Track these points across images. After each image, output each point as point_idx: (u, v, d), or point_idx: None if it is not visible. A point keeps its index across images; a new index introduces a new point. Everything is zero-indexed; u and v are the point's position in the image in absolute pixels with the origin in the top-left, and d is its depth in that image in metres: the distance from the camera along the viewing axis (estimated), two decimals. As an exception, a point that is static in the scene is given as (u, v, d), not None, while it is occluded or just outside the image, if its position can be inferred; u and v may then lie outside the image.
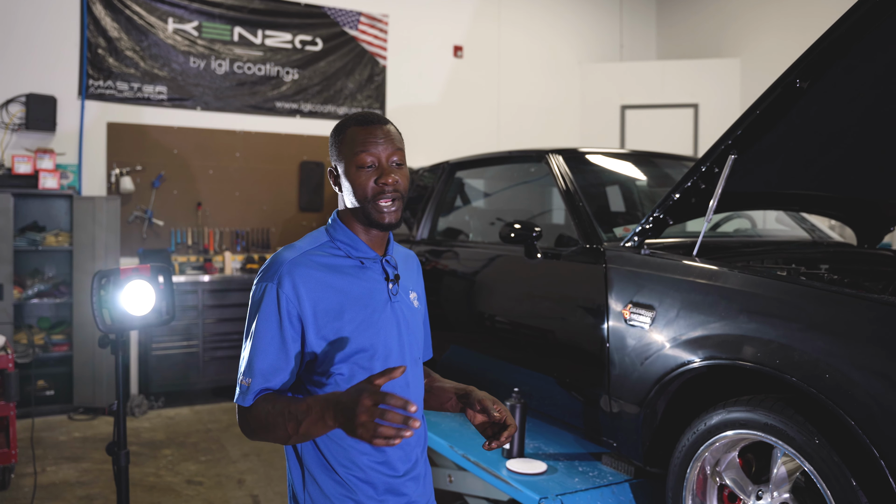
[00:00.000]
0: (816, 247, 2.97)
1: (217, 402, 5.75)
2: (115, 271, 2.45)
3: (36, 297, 5.24)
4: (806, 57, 1.94)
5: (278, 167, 6.37)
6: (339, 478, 1.49)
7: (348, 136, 1.51)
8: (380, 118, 1.54)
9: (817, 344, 1.80)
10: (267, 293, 1.45)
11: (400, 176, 1.51)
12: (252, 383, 1.43)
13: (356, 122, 1.52)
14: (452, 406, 1.69)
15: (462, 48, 7.23)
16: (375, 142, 1.49)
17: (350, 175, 1.50)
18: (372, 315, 1.50)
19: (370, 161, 1.48)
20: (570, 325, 2.65)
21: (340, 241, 1.55)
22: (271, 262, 1.49)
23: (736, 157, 2.19)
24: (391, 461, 1.52)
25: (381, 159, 1.49)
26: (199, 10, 6.02)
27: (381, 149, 1.49)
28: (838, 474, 1.73)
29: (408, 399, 1.48)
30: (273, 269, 1.47)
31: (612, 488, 2.40)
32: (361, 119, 1.53)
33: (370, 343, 1.49)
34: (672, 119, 7.19)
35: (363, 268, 1.54)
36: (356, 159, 1.49)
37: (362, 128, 1.51)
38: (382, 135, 1.50)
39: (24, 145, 5.40)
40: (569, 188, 2.85)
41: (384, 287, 1.55)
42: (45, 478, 4.01)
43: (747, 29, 7.14)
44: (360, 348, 1.48)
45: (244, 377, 1.45)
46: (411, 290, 1.65)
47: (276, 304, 1.44)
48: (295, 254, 1.49)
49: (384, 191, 1.48)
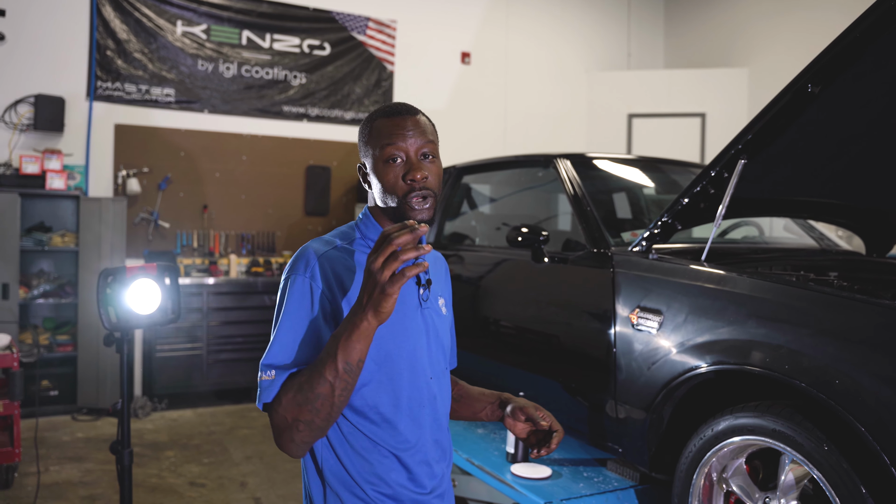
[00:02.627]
0: (825, 255, 2.95)
1: (220, 404, 5.74)
2: (121, 269, 2.45)
3: (41, 297, 5.25)
4: (818, 61, 1.93)
5: (285, 171, 6.38)
6: (366, 494, 1.38)
7: (375, 128, 1.42)
8: (409, 108, 1.43)
9: (827, 349, 1.79)
10: (299, 285, 1.34)
11: (431, 171, 1.40)
12: (277, 375, 1.28)
13: (383, 114, 1.43)
14: (488, 415, 1.60)
15: (469, 55, 7.25)
16: (403, 134, 1.38)
17: (377, 170, 1.40)
18: (402, 321, 1.40)
19: (397, 154, 1.38)
20: (577, 330, 2.64)
21: (372, 238, 1.45)
22: (302, 254, 1.38)
23: (746, 162, 2.19)
24: (418, 478, 1.42)
25: (410, 153, 1.38)
26: (207, 14, 6.05)
27: (409, 142, 1.38)
28: (847, 481, 1.71)
29: (435, 410, 1.46)
30: (304, 260, 1.36)
31: (618, 494, 2.38)
32: (389, 110, 1.43)
33: (398, 350, 1.39)
34: (679, 128, 7.19)
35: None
36: (383, 153, 1.39)
37: (389, 119, 1.41)
38: (411, 126, 1.40)
39: (31, 146, 5.42)
40: (577, 192, 2.84)
41: (415, 292, 1.45)
42: (48, 477, 4.01)
43: (756, 39, 7.15)
44: (388, 355, 1.37)
45: (265, 371, 1.30)
46: (440, 296, 1.56)
47: (309, 296, 1.33)
48: (327, 247, 1.40)
49: (413, 188, 1.37)
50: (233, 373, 5.70)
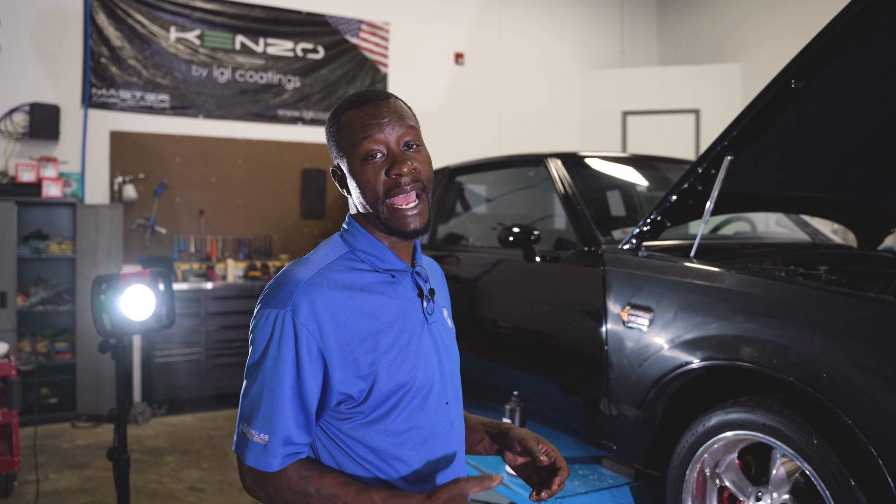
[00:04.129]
0: (816, 249, 2.96)
1: (220, 409, 5.75)
2: (115, 276, 2.46)
3: (39, 304, 5.26)
4: (800, 57, 1.94)
5: (280, 175, 6.39)
6: None
7: (345, 122, 1.23)
8: (380, 93, 1.24)
9: (814, 343, 1.80)
10: (279, 323, 1.14)
11: (418, 161, 1.21)
12: (271, 442, 1.14)
13: (352, 105, 1.23)
14: (485, 448, 1.40)
15: (463, 55, 7.25)
16: (379, 124, 1.19)
17: (355, 171, 1.21)
18: (410, 342, 1.22)
19: (376, 149, 1.19)
20: (569, 328, 2.65)
21: (363, 250, 1.24)
22: (281, 283, 1.18)
23: (732, 158, 2.20)
24: None
25: (391, 144, 1.20)
26: (200, 19, 6.05)
27: (387, 131, 1.19)
28: (837, 474, 1.72)
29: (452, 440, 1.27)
30: (285, 291, 1.16)
31: (612, 491, 2.39)
32: (357, 99, 1.24)
33: (409, 377, 1.20)
34: (674, 125, 7.20)
35: (394, 283, 1.25)
36: (359, 150, 1.20)
37: (360, 109, 1.22)
38: (387, 112, 1.21)
39: (27, 154, 5.43)
40: (567, 192, 2.85)
41: (418, 306, 1.26)
42: (47, 485, 4.01)
43: (749, 34, 7.16)
44: (399, 385, 1.19)
45: (257, 431, 1.15)
46: (444, 307, 1.37)
47: (292, 338, 1.14)
48: (310, 272, 1.18)
49: (399, 183, 1.19)
50: (232, 377, 5.70)
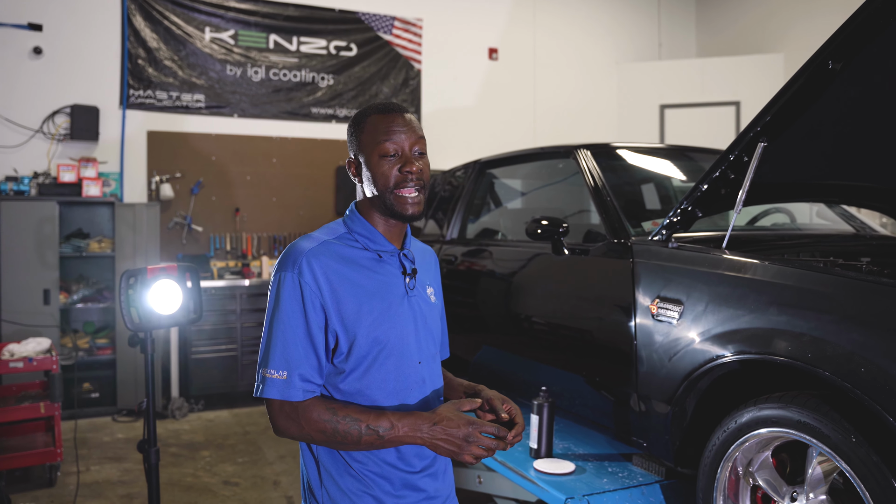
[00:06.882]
0: (858, 240, 2.84)
1: (255, 405, 5.80)
2: (142, 270, 2.49)
3: (81, 301, 5.38)
4: (836, 37, 1.85)
5: (315, 172, 6.43)
6: (356, 473, 1.46)
7: (369, 124, 1.50)
8: (400, 107, 1.52)
9: (852, 336, 1.71)
10: (288, 282, 1.42)
11: (423, 165, 1.50)
12: (290, 377, 1.39)
13: (377, 111, 1.50)
14: None
15: (497, 50, 7.20)
16: (398, 130, 1.47)
17: (372, 164, 1.48)
18: (388, 309, 1.47)
19: (393, 150, 1.47)
20: (598, 323, 2.59)
21: (358, 233, 1.52)
22: (289, 252, 1.46)
23: (766, 144, 2.11)
24: (406, 457, 1.49)
25: (405, 148, 1.47)
26: (234, 19, 6.12)
27: (403, 137, 1.47)
28: (877, 474, 1.64)
29: (424, 393, 1.52)
30: (292, 258, 1.44)
31: (642, 489, 2.32)
32: (382, 108, 1.51)
33: (385, 337, 1.46)
34: (713, 118, 7.03)
35: (380, 261, 1.51)
36: (379, 148, 1.47)
37: (384, 116, 1.49)
38: (404, 123, 1.48)
39: (68, 154, 5.57)
40: (596, 183, 2.79)
41: (401, 281, 1.52)
42: (88, 476, 4.10)
43: (791, 22, 6.94)
44: (376, 342, 1.45)
45: (275, 370, 1.39)
46: (428, 286, 1.62)
47: (299, 293, 1.41)
48: (313, 244, 1.46)
49: (407, 179, 1.46)
50: (267, 373, 5.75)
